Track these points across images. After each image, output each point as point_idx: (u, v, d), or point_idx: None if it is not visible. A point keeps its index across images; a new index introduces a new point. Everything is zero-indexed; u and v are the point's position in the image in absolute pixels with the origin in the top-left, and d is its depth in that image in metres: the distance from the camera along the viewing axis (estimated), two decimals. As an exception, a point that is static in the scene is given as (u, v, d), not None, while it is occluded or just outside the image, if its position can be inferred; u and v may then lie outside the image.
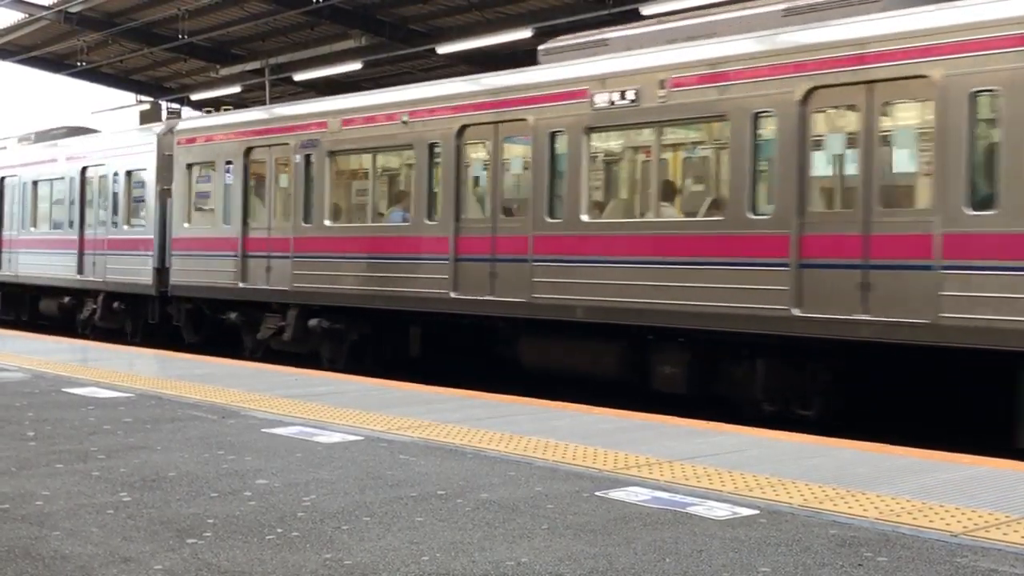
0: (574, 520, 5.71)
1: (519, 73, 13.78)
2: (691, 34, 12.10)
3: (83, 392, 10.71)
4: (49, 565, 4.84)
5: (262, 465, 7.13)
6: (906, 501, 6.15)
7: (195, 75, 35.71)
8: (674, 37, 12.27)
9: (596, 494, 6.33)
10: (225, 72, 32.57)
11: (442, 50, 27.84)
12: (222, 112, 19.56)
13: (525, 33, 25.20)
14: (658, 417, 9.48)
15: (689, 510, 5.94)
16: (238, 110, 19.76)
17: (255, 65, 31.91)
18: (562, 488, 6.49)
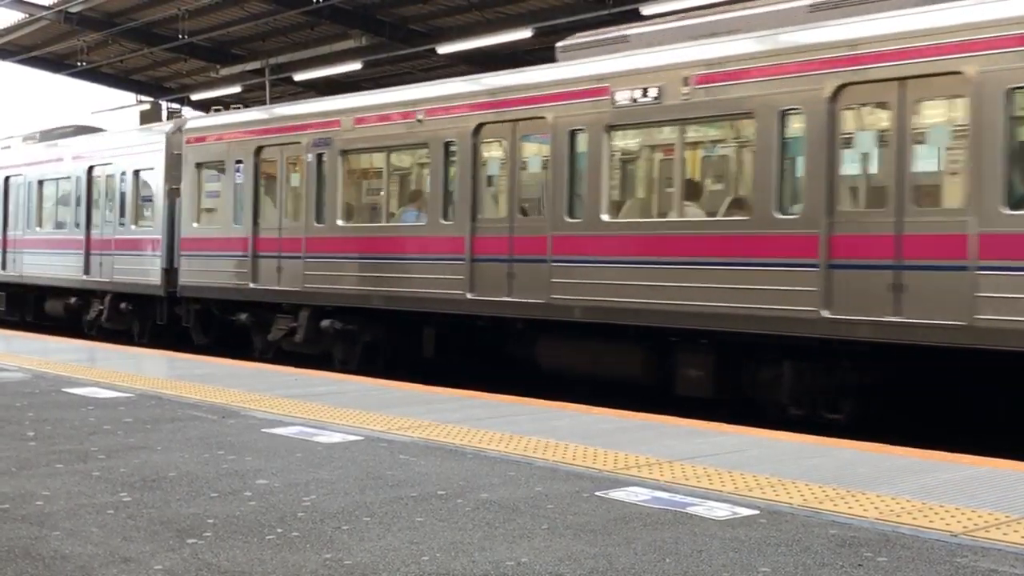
0: (574, 520, 5.71)
1: (538, 70, 13.59)
2: (714, 30, 11.89)
3: (83, 392, 10.71)
4: (49, 565, 4.84)
5: (262, 465, 7.13)
6: (906, 501, 6.15)
7: (195, 75, 35.73)
8: (696, 33, 12.07)
9: (596, 494, 6.33)
10: (225, 72, 32.59)
11: (442, 50, 27.86)
12: (232, 111, 19.24)
13: (525, 33, 25.23)
14: (658, 417, 9.48)
15: (689, 510, 5.94)
16: (248, 108, 19.47)
17: (255, 65, 31.94)
18: (562, 488, 6.49)
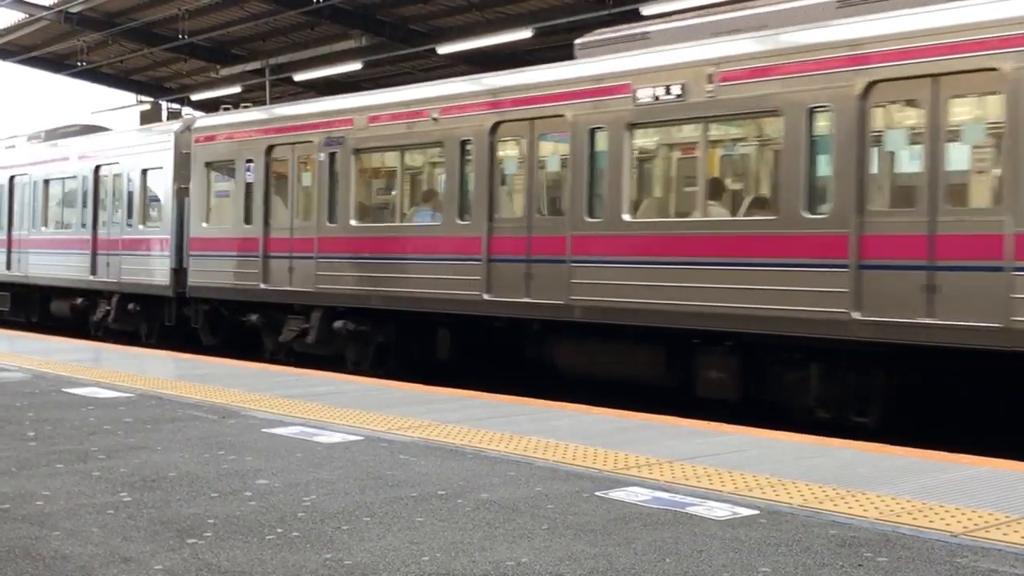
0: (574, 520, 5.71)
1: (556, 68, 13.41)
2: (738, 27, 11.69)
3: (83, 392, 10.71)
4: (49, 565, 4.84)
5: (262, 465, 7.13)
6: (906, 501, 6.15)
7: (195, 75, 35.74)
8: (720, 30, 11.84)
9: (596, 494, 6.33)
10: (225, 72, 32.60)
11: (442, 50, 27.87)
12: (242, 109, 18.98)
13: (525, 33, 25.24)
14: (658, 417, 9.48)
15: (689, 510, 5.94)
16: (259, 107, 19.20)
17: (255, 65, 31.95)
18: (562, 488, 6.49)
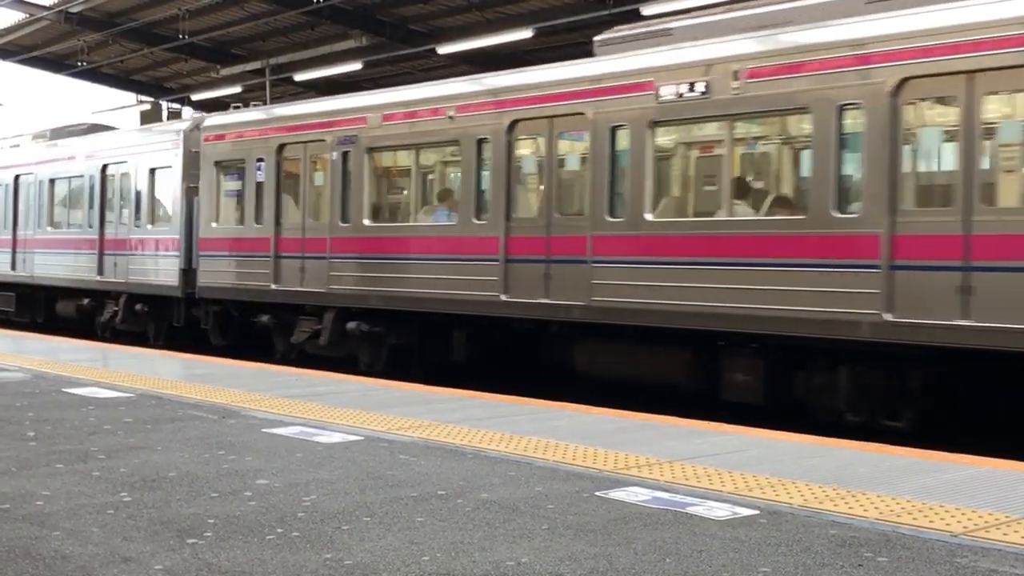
0: (574, 520, 5.71)
1: (576, 65, 13.20)
2: (764, 23, 11.46)
3: (83, 392, 10.71)
4: (49, 565, 4.84)
5: (262, 465, 7.13)
6: (906, 501, 6.15)
7: (196, 75, 35.75)
8: (745, 26, 11.63)
9: (596, 494, 6.33)
10: (226, 72, 32.61)
11: (442, 50, 27.88)
12: (252, 108, 18.73)
13: (525, 33, 25.24)
14: (658, 417, 9.48)
15: (689, 510, 5.94)
16: (270, 105, 18.98)
17: (256, 65, 31.95)
18: (562, 488, 6.49)
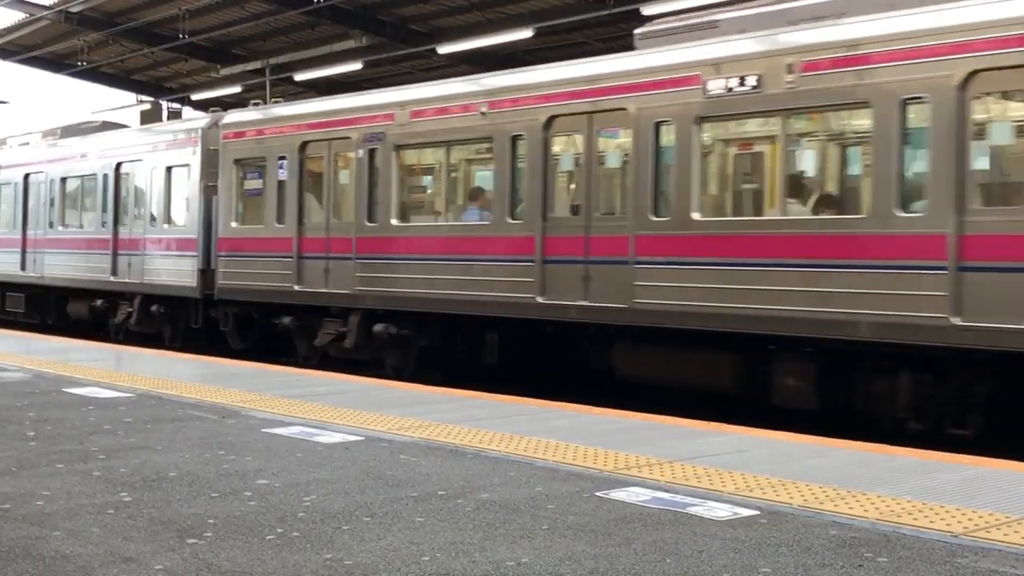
0: (574, 520, 5.71)
1: (617, 59, 12.82)
2: (817, 13, 11.05)
3: (83, 392, 10.71)
4: (50, 565, 4.84)
5: (262, 465, 7.13)
6: (907, 502, 6.15)
7: (196, 75, 35.77)
8: (797, 18, 11.22)
9: (596, 494, 6.33)
10: (226, 72, 32.63)
11: (443, 50, 27.90)
12: (272, 104, 18.44)
13: (526, 33, 25.26)
14: (658, 417, 9.48)
15: (689, 510, 5.94)
16: (291, 102, 18.54)
17: (256, 65, 31.97)
18: (562, 488, 6.49)
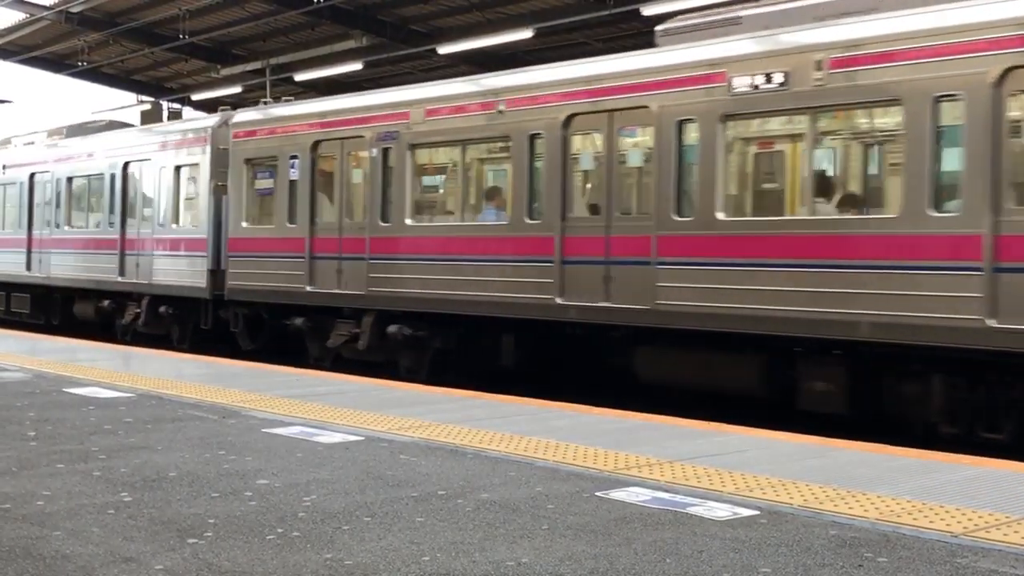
0: (575, 520, 5.72)
1: (639, 56, 12.64)
2: (846, 9, 10.86)
3: (84, 392, 10.71)
4: (50, 565, 4.84)
5: (263, 465, 7.14)
6: (906, 502, 6.16)
7: (196, 75, 35.78)
8: (825, 13, 11.05)
9: (596, 494, 6.33)
10: (226, 72, 32.64)
11: (443, 50, 27.91)
12: (284, 103, 18.41)
13: (526, 33, 25.27)
14: (658, 417, 9.49)
15: (689, 510, 5.94)
16: (303, 101, 18.57)
17: (256, 65, 31.98)
18: (562, 488, 6.49)
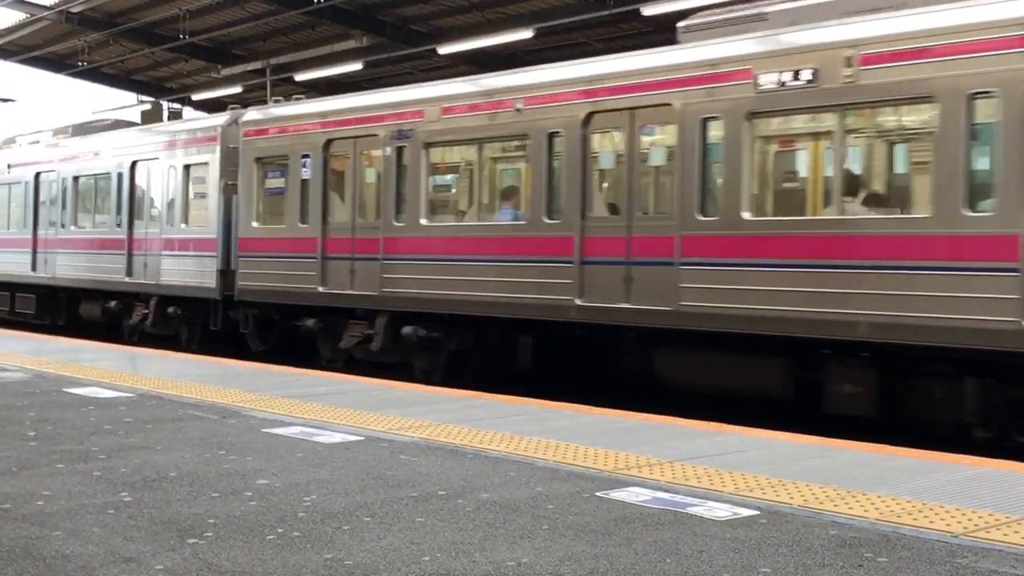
0: (575, 520, 5.72)
1: (660, 53, 12.47)
2: (876, 5, 10.66)
3: (84, 392, 10.71)
4: (50, 565, 4.84)
5: (263, 465, 7.14)
6: (906, 502, 6.16)
7: (196, 75, 35.79)
8: (852, 9, 10.88)
9: (597, 494, 6.33)
10: (226, 72, 32.66)
11: (443, 50, 27.93)
12: (294, 101, 18.30)
13: (526, 33, 25.29)
14: (658, 417, 9.49)
15: (689, 510, 5.94)
16: (315, 99, 18.48)
17: (256, 65, 32.00)
18: (563, 488, 6.49)
